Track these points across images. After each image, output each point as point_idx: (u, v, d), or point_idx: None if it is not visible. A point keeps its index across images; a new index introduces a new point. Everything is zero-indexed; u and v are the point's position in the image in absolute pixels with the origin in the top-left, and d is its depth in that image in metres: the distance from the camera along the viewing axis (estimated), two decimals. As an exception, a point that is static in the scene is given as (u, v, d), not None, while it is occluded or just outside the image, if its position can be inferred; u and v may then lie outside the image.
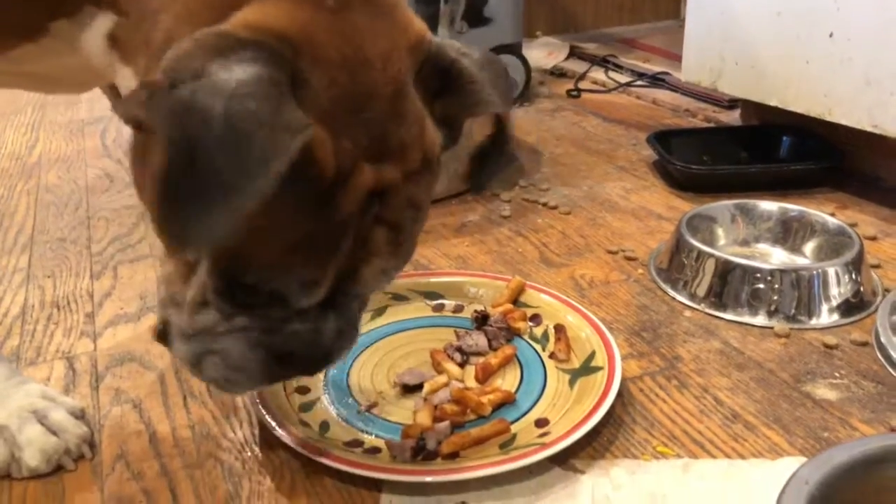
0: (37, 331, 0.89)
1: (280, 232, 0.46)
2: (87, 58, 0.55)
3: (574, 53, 2.11)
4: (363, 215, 0.48)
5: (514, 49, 1.68)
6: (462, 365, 0.78)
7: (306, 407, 0.73)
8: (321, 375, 0.76)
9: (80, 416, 0.70)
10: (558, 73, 1.99)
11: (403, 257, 0.53)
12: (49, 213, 1.22)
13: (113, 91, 0.88)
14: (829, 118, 1.15)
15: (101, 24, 0.52)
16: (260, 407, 0.69)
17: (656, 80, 1.82)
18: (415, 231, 0.53)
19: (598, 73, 1.94)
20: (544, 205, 1.19)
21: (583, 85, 1.87)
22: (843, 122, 1.13)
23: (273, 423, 0.67)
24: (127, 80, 0.52)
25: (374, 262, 0.51)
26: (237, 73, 0.40)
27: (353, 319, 0.56)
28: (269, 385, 0.60)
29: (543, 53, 2.10)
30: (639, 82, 1.84)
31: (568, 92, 1.81)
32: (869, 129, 1.10)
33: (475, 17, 1.61)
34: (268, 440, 0.69)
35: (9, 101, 1.90)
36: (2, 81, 0.65)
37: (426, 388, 0.74)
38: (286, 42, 0.44)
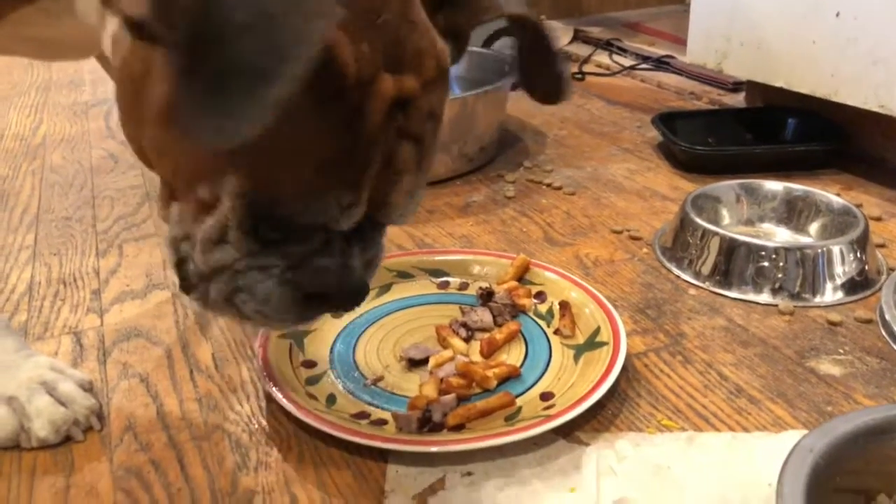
0: (44, 307, 0.90)
1: (310, 148, 0.45)
2: (82, 18, 0.55)
3: (578, 37, 2.10)
4: (387, 128, 0.47)
5: (519, 32, 1.68)
6: (467, 340, 0.78)
7: (313, 380, 0.73)
8: (327, 351, 0.77)
9: (88, 388, 0.70)
10: (562, 57, 1.98)
11: (425, 176, 0.52)
12: (54, 193, 1.23)
13: (106, 62, 0.87)
14: (835, 98, 1.15)
15: None
16: (267, 379, 0.70)
17: (661, 63, 1.82)
18: (434, 145, 0.52)
19: (602, 57, 1.93)
20: (549, 185, 1.19)
21: (587, 68, 1.86)
22: (850, 102, 1.13)
23: (280, 396, 0.68)
24: (115, 29, 0.50)
25: (402, 182, 0.50)
26: None
27: (377, 248, 0.55)
28: (308, 322, 0.58)
29: (548, 37, 2.09)
30: (643, 65, 1.83)
31: (572, 75, 1.80)
32: (875, 109, 1.09)
33: (479, -1, 1.60)
34: (275, 413, 0.70)
35: (12, 84, 1.91)
36: (4, 47, 0.65)
37: (431, 362, 0.74)
38: None
